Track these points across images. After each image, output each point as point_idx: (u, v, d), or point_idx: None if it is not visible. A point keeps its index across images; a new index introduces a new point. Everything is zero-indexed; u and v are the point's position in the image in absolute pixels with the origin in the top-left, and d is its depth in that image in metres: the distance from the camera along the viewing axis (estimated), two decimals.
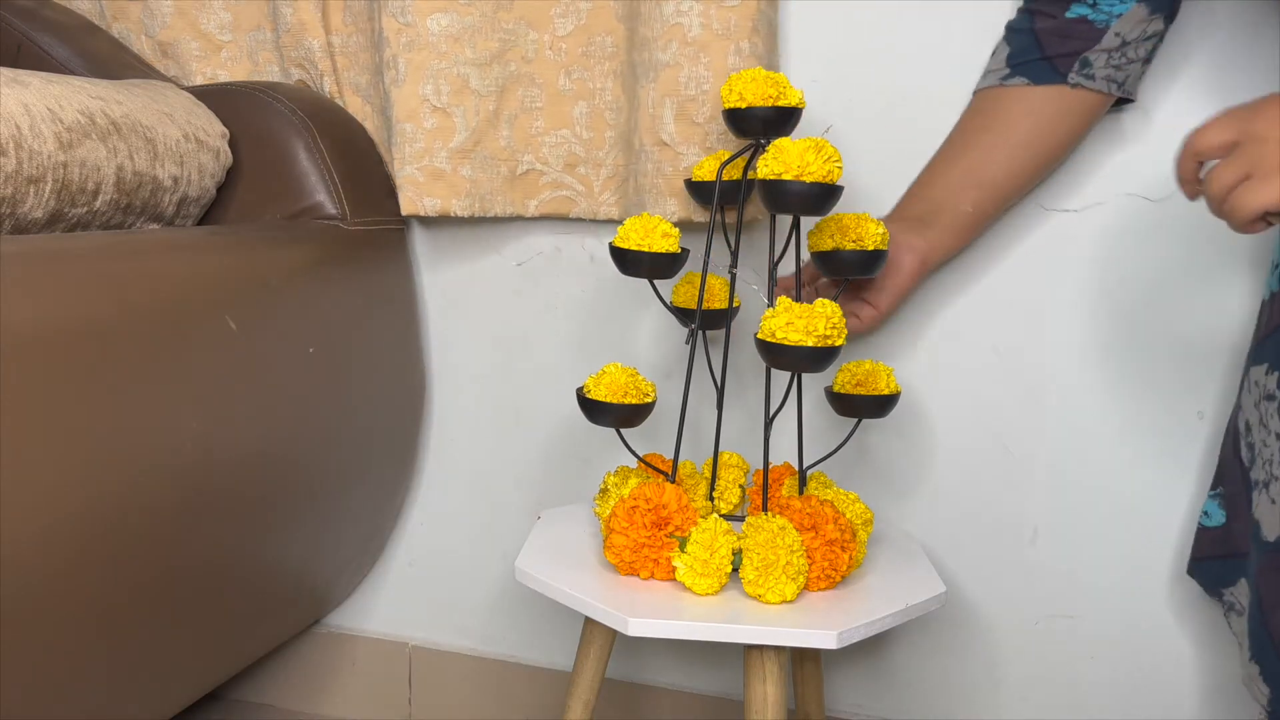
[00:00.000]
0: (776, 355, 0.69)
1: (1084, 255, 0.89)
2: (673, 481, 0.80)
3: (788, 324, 0.68)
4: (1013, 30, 0.84)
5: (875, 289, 0.86)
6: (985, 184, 0.85)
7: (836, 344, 0.69)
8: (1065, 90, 0.81)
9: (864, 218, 0.78)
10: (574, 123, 0.98)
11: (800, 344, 0.68)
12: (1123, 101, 0.84)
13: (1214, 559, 0.79)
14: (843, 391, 0.80)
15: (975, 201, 0.85)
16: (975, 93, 0.87)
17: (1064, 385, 0.91)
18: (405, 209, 0.97)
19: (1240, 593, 0.76)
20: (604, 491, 0.83)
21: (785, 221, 0.85)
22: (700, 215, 0.92)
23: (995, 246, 0.91)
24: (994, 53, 0.86)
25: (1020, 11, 0.84)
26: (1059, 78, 0.81)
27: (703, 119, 0.90)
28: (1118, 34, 0.79)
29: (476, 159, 0.97)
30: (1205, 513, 0.80)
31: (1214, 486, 0.80)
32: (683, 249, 0.78)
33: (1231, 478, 0.78)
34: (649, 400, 0.77)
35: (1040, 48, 0.81)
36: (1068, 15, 0.80)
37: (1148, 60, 0.82)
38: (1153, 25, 0.79)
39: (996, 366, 0.93)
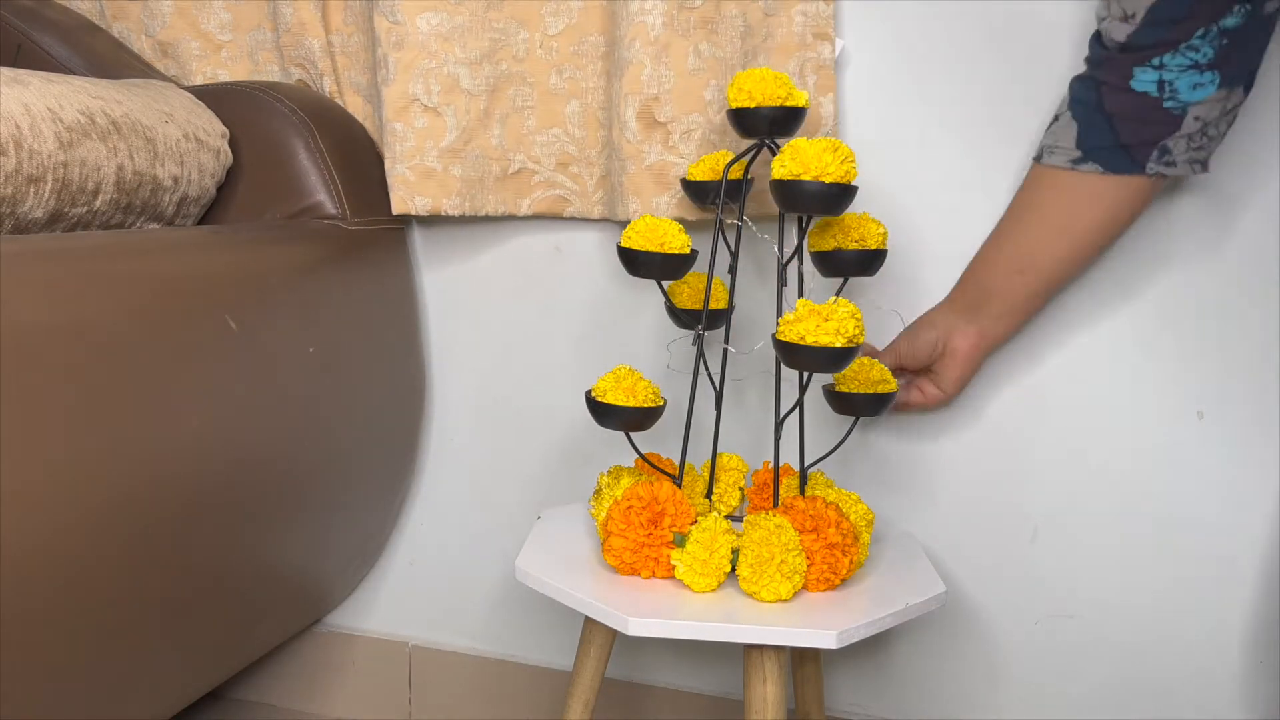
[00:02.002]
0: (802, 357, 0.68)
1: None
2: (679, 484, 0.80)
3: (817, 326, 0.68)
4: (1079, 103, 0.77)
5: (939, 375, 0.87)
6: (1037, 269, 0.82)
7: (860, 342, 0.69)
8: (1139, 178, 0.77)
9: (865, 218, 0.78)
10: (566, 122, 0.98)
11: (831, 345, 0.67)
12: None
13: None
14: (841, 389, 0.80)
15: (1025, 286, 0.83)
16: (1037, 164, 0.81)
17: (1063, 384, 0.91)
18: (396, 208, 0.97)
19: None
20: (597, 493, 0.82)
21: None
22: (692, 214, 0.92)
23: None
24: (1056, 123, 0.79)
25: (1084, 79, 0.77)
26: (1137, 168, 0.76)
27: (665, 117, 0.90)
28: (1197, 118, 0.74)
29: (468, 158, 0.97)
30: None
31: None
32: (692, 250, 0.78)
33: None
34: (659, 405, 0.77)
35: (1115, 133, 0.75)
36: (1133, 86, 0.74)
37: (1226, 134, 0.77)
38: (1232, 100, 0.74)
39: (996, 365, 0.93)
